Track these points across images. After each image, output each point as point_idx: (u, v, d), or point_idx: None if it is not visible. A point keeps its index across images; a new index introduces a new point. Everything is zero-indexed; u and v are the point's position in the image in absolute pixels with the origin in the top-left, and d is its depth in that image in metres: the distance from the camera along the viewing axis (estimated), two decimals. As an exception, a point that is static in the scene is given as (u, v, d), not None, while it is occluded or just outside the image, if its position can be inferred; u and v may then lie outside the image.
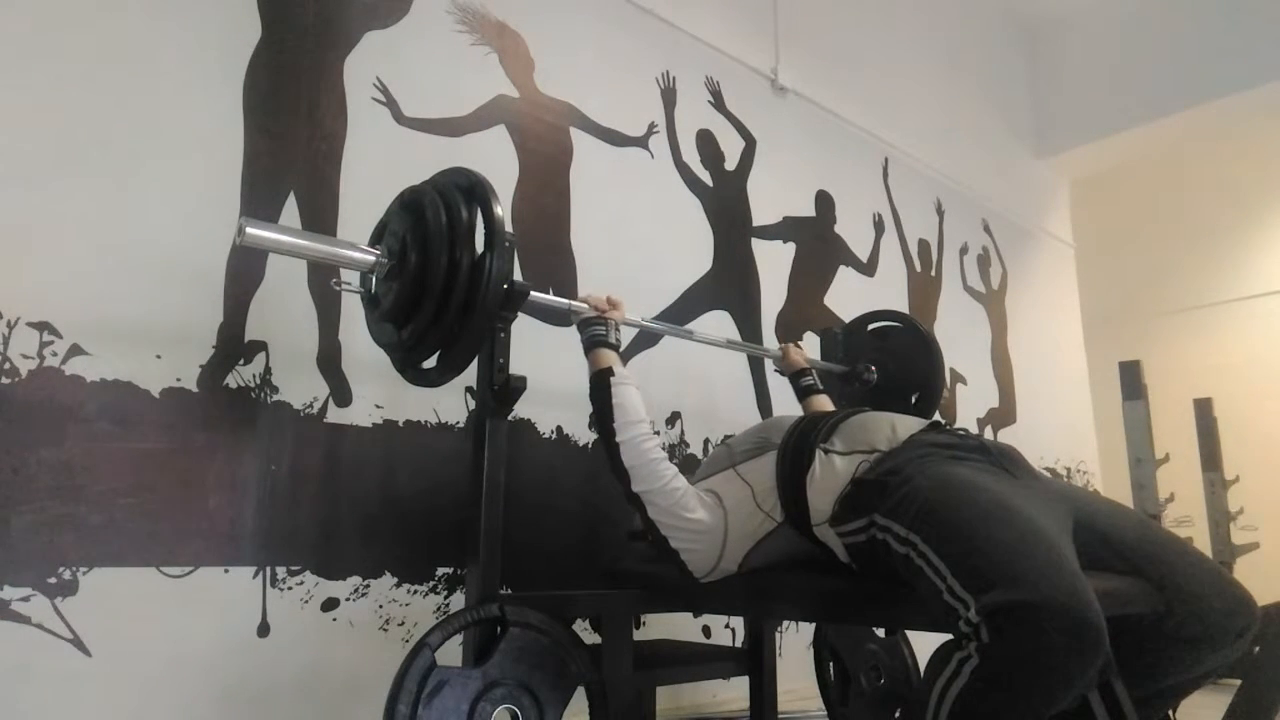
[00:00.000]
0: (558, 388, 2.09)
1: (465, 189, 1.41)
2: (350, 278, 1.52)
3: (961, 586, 1.00)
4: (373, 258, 1.42)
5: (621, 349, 1.60)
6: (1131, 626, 1.16)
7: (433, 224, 1.36)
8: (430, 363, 1.46)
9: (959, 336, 3.66)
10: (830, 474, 1.32)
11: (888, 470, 1.24)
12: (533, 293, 1.48)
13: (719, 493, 1.44)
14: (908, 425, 1.35)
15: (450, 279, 1.34)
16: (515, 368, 1.47)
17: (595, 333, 1.57)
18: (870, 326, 2.47)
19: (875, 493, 1.22)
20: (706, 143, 2.77)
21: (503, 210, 1.38)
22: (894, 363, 2.35)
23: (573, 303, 1.62)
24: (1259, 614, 1.18)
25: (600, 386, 1.49)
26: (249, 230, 1.25)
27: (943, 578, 1.03)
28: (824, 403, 2.05)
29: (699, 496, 1.43)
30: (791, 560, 1.43)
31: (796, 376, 2.11)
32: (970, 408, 3.69)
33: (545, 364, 2.03)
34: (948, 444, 1.29)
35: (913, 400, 2.31)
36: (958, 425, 1.76)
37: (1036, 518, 1.08)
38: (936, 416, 1.42)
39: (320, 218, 1.83)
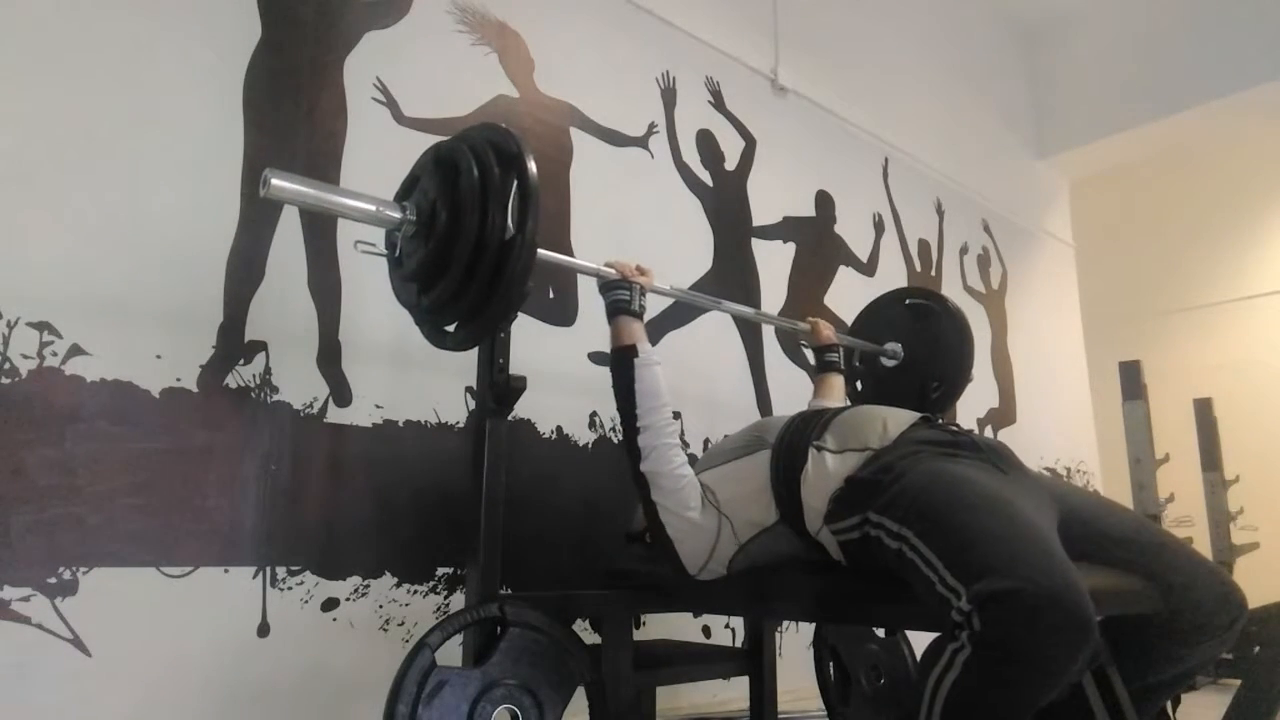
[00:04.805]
0: (558, 388, 2.09)
1: (501, 151, 1.35)
2: (373, 237, 1.47)
3: (953, 577, 1.02)
4: (399, 216, 1.39)
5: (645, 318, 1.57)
6: (1125, 622, 1.16)
7: (465, 189, 1.31)
8: (450, 327, 1.45)
9: (959, 336, 3.66)
10: (823, 472, 1.32)
11: (880, 468, 1.25)
12: (556, 254, 1.48)
13: (716, 492, 1.44)
14: (899, 421, 1.36)
15: (479, 251, 1.30)
16: (515, 368, 1.47)
17: (618, 298, 1.54)
18: (907, 301, 2.41)
19: (868, 491, 1.24)
20: (706, 143, 2.77)
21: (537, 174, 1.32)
22: (924, 348, 2.30)
23: (601, 267, 1.58)
24: (1246, 605, 1.20)
25: (623, 366, 1.47)
26: (274, 181, 1.23)
27: (934, 569, 1.05)
28: (836, 383, 2.06)
29: (700, 494, 1.43)
30: (781, 559, 1.43)
31: (821, 351, 2.11)
32: (970, 407, 3.68)
33: (546, 364, 2.03)
34: (939, 440, 1.31)
35: (932, 387, 2.26)
36: (953, 423, 1.76)
37: (1026, 509, 1.10)
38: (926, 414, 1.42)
39: (320, 217, 1.83)
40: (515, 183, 1.33)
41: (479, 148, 1.37)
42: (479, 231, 1.31)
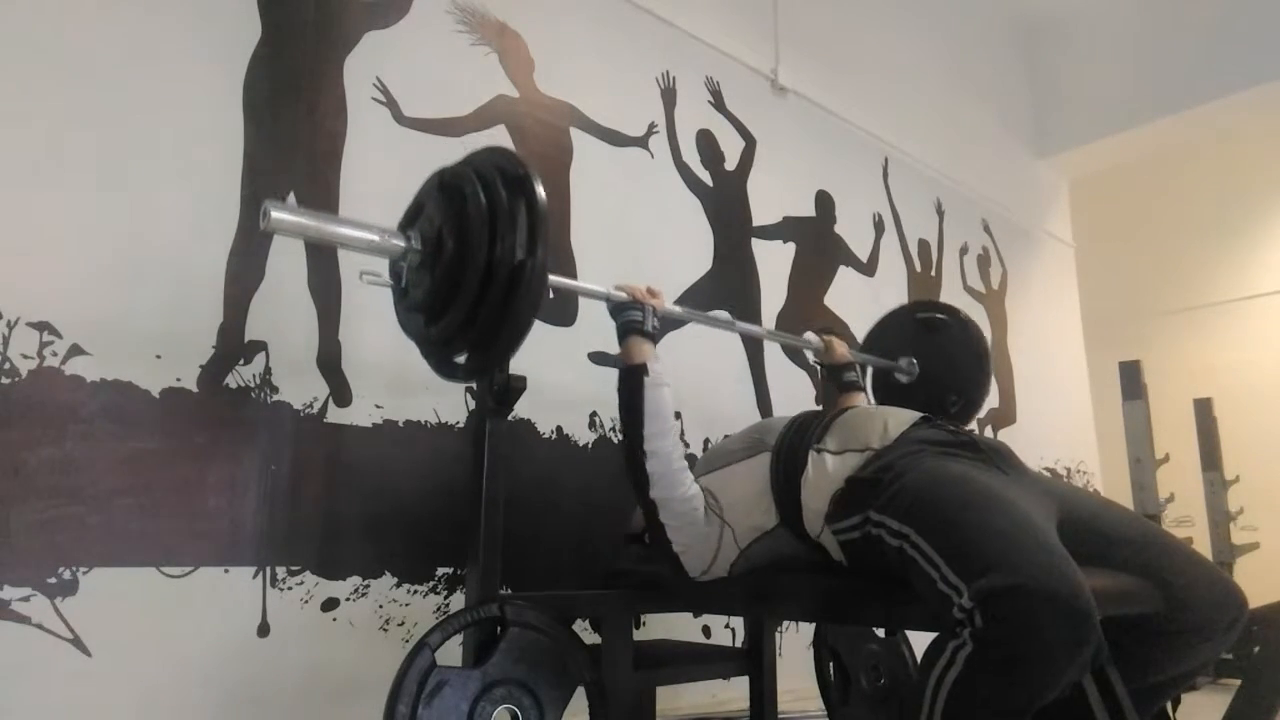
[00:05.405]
0: (558, 388, 2.09)
1: (508, 175, 1.33)
2: (378, 266, 1.45)
3: (954, 574, 1.02)
4: (403, 245, 1.34)
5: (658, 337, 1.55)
6: (1126, 622, 1.17)
7: (474, 216, 1.28)
8: (460, 358, 1.42)
9: (959, 336, 3.66)
10: (823, 474, 1.32)
11: (881, 467, 1.25)
12: (564, 279, 1.45)
13: (718, 497, 1.44)
14: (899, 421, 1.36)
15: (487, 281, 1.27)
16: (515, 368, 1.47)
17: (630, 318, 1.52)
18: (918, 315, 2.36)
19: (869, 490, 1.24)
20: (706, 143, 2.77)
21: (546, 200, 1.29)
22: (939, 362, 2.25)
23: (611, 290, 1.57)
24: (1247, 604, 1.20)
25: (633, 386, 1.44)
26: (274, 214, 1.19)
27: (936, 566, 1.05)
28: (859, 402, 2.00)
29: (704, 504, 1.43)
30: (782, 561, 1.43)
31: (839, 370, 2.03)
32: (970, 408, 3.68)
33: (546, 364, 2.03)
34: (940, 440, 1.31)
35: (950, 401, 2.21)
36: (954, 423, 1.75)
37: (1026, 507, 1.10)
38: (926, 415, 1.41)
39: (320, 218, 1.83)
40: (524, 207, 1.30)
41: (485, 172, 1.34)
42: (488, 257, 1.27)
